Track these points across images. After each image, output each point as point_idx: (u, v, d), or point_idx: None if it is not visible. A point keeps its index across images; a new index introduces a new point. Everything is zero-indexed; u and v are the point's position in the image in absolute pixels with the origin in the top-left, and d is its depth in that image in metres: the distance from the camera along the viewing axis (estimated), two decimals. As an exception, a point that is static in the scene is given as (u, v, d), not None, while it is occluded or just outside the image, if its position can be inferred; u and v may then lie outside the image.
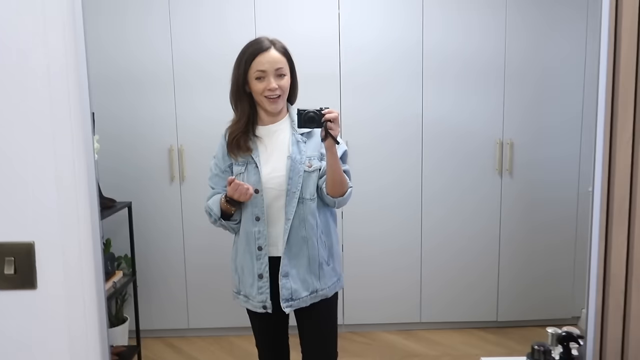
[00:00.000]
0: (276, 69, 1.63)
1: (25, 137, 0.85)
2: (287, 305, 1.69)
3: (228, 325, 3.02)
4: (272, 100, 1.65)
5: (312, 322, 1.78)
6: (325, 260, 1.74)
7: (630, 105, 0.88)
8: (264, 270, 1.69)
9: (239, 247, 1.75)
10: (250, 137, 1.70)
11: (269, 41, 1.66)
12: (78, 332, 0.89)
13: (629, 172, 0.86)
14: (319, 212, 1.71)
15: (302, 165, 1.67)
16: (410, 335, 3.05)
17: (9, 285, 0.88)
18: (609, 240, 0.86)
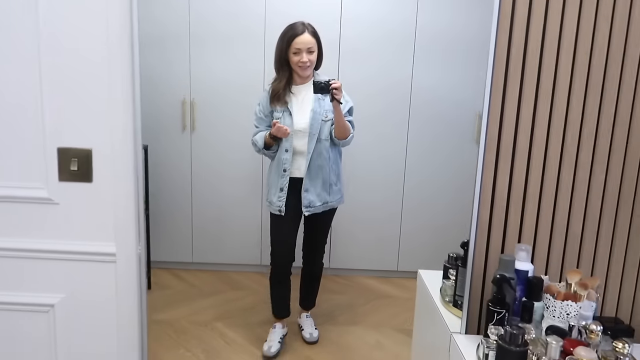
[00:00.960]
0: (308, 48, 2.28)
1: (87, 72, 1.20)
2: (306, 210, 2.40)
3: (227, 262, 3.43)
4: (303, 69, 2.30)
5: (318, 222, 2.53)
6: (334, 182, 2.45)
7: (519, 69, 1.22)
8: (284, 185, 2.38)
9: (272, 169, 2.45)
10: (287, 93, 2.34)
11: (303, 26, 2.29)
12: (120, 214, 1.26)
13: (514, 123, 1.20)
14: (330, 149, 2.39)
15: (320, 115, 2.34)
16: (386, 281, 3.45)
17: (73, 178, 1.25)
18: (497, 172, 1.22)
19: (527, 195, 1.25)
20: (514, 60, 1.21)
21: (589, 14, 1.20)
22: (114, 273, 1.30)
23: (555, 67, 1.21)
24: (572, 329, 1.08)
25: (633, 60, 1.22)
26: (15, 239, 1.29)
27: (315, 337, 2.65)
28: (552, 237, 1.27)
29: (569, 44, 1.21)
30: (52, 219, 1.28)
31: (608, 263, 1.28)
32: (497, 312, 1.13)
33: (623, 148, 1.25)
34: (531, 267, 1.16)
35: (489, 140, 1.20)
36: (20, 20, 1.17)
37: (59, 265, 1.31)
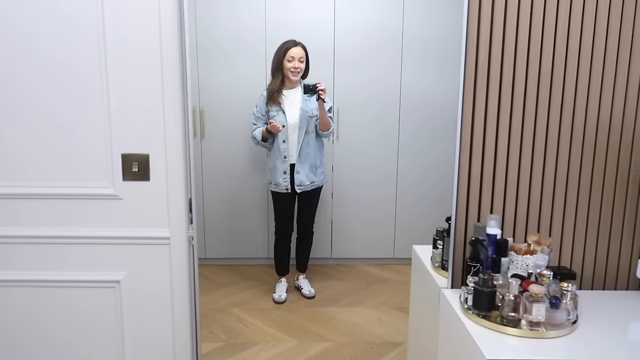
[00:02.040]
0: (299, 58, 2.91)
1: (144, 86, 1.52)
2: (298, 188, 3.03)
3: (238, 256, 3.74)
4: (294, 74, 2.91)
5: (308, 197, 3.14)
6: (318, 165, 3.09)
7: (485, 76, 1.55)
8: (287, 169, 3.01)
9: (273, 156, 3.04)
10: (280, 95, 2.95)
11: (295, 42, 2.92)
12: (174, 204, 1.58)
13: (483, 118, 1.54)
14: (316, 140, 3.04)
15: (307, 113, 2.95)
16: (384, 267, 3.78)
17: (134, 177, 1.57)
18: (471, 159, 1.55)
19: (496, 176, 1.58)
20: (480, 68, 1.54)
21: (536, 27, 1.52)
22: (168, 253, 1.62)
23: (513, 76, 1.54)
24: (530, 275, 1.41)
25: (572, 68, 1.55)
26: (88, 228, 1.60)
27: (313, 292, 3.29)
28: (517, 208, 1.60)
29: (522, 57, 1.54)
30: (117, 211, 1.60)
31: (562, 226, 1.61)
32: (473, 266, 1.46)
33: (569, 136, 1.58)
34: (499, 232, 1.49)
35: (464, 132, 1.53)
36: (88, 56, 1.49)
37: (124, 249, 1.62)
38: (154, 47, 1.48)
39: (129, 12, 1.45)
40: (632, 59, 1.54)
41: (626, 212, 1.62)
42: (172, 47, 1.47)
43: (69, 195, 1.57)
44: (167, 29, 1.45)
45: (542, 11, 1.51)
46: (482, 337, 1.30)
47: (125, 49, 1.48)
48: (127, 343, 1.68)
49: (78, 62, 1.48)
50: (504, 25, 1.52)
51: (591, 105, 1.57)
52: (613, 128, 1.58)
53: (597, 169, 1.60)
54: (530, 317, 1.29)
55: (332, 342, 2.75)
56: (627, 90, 1.56)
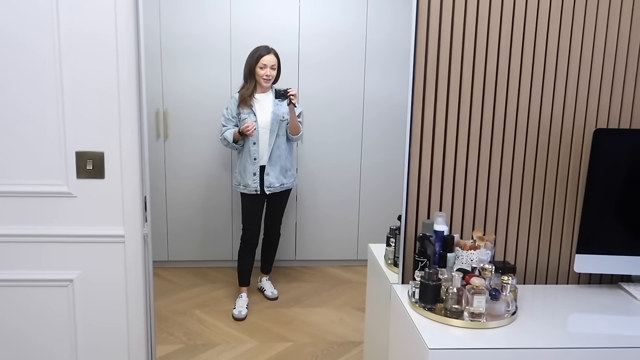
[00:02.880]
0: (271, 65, 2.95)
1: (100, 91, 1.52)
2: (267, 189, 3.04)
3: (201, 259, 3.73)
4: (266, 81, 2.95)
5: (277, 200, 3.19)
6: (289, 168, 3.13)
7: (433, 77, 1.62)
8: (257, 170, 3.02)
9: (243, 158, 3.06)
10: (252, 99, 2.98)
11: (268, 49, 2.95)
12: (128, 202, 1.59)
13: (432, 119, 1.60)
14: (286, 143, 3.07)
15: (278, 116, 2.99)
16: (348, 269, 3.83)
17: (88, 175, 1.57)
18: (421, 158, 1.62)
19: (445, 174, 1.65)
20: (430, 68, 1.61)
21: (482, 28, 1.60)
22: (123, 251, 1.62)
23: (460, 75, 1.61)
24: (474, 270, 1.47)
25: (516, 67, 1.63)
26: (42, 226, 1.59)
27: (276, 294, 3.33)
28: (464, 205, 1.67)
29: (469, 57, 1.61)
30: (71, 209, 1.59)
31: (507, 223, 1.69)
32: (421, 262, 1.52)
33: (513, 136, 1.67)
34: (446, 228, 1.55)
35: (414, 132, 1.59)
36: (40, 41, 1.49)
37: (78, 247, 1.61)
38: (110, 41, 1.49)
39: (84, 3, 1.46)
40: (570, 63, 1.64)
41: (566, 210, 1.71)
42: (128, 43, 1.49)
43: (21, 193, 1.56)
44: (122, 23, 1.47)
45: (487, 10, 1.59)
46: (427, 328, 1.35)
47: (80, 41, 1.49)
48: (81, 342, 1.66)
49: (34, 47, 1.48)
50: (451, 23, 1.59)
51: (533, 107, 1.65)
52: (553, 128, 1.67)
53: (539, 167, 1.69)
54: (472, 309, 1.36)
55: (293, 342, 2.77)
56: (566, 91, 1.65)
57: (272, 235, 3.32)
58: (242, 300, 3.16)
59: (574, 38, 1.62)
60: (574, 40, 1.62)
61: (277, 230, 3.33)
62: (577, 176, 1.69)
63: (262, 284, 3.38)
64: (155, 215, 3.62)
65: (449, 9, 1.58)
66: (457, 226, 1.68)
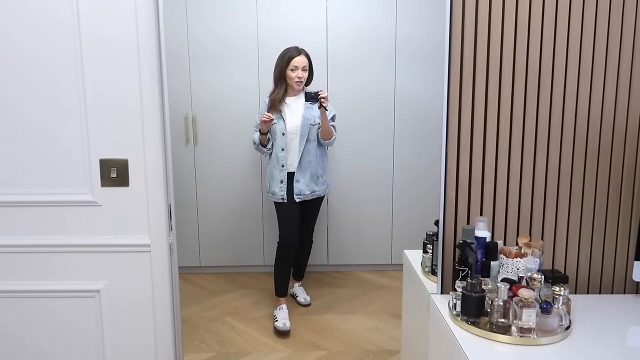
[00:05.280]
0: (303, 67, 2.81)
1: (124, 96, 1.48)
2: (297, 197, 2.91)
3: (233, 264, 3.69)
4: (298, 84, 2.83)
5: (309, 207, 3.05)
6: (320, 174, 2.97)
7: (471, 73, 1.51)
8: (284, 178, 2.89)
9: (271, 165, 2.94)
10: (282, 103, 2.86)
11: (298, 50, 2.82)
12: (154, 211, 1.54)
13: (470, 117, 1.49)
14: (317, 148, 2.92)
15: (309, 120, 2.85)
16: (381, 274, 3.72)
17: (113, 183, 1.53)
18: (459, 160, 1.51)
19: (485, 177, 1.53)
20: (466, 65, 1.50)
21: (523, 24, 1.48)
22: (149, 260, 1.57)
23: (500, 71, 1.50)
24: (521, 279, 1.35)
25: (560, 62, 1.51)
26: (67, 236, 1.56)
27: (309, 300, 3.25)
28: (507, 209, 1.55)
29: (509, 51, 1.49)
30: (96, 218, 1.55)
31: (555, 228, 1.56)
32: (462, 271, 1.41)
33: (559, 136, 1.54)
34: (488, 234, 1.44)
35: (450, 134, 1.49)
36: (65, 54, 1.45)
37: (104, 257, 1.58)
38: (131, 50, 1.45)
39: (105, 12, 1.42)
40: (621, 60, 1.50)
41: (621, 212, 1.57)
42: (150, 50, 1.44)
43: (45, 202, 1.53)
44: (143, 30, 1.42)
45: (527, 4, 1.47)
46: (470, 344, 1.25)
47: (102, 50, 1.45)
48: (108, 353, 1.63)
49: (54, 63, 1.45)
50: (489, 13, 1.48)
51: (581, 105, 1.52)
52: (604, 129, 1.53)
53: (589, 169, 1.55)
54: (521, 323, 1.24)
55: (327, 350, 2.69)
56: (618, 87, 1.51)
57: (304, 242, 3.20)
58: (283, 312, 2.97)
59: (625, 28, 1.48)
60: (626, 30, 1.48)
61: (309, 237, 3.22)
62: (632, 176, 1.55)
63: (294, 290, 3.30)
64: (186, 221, 3.62)
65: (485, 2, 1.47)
66: (499, 232, 1.56)
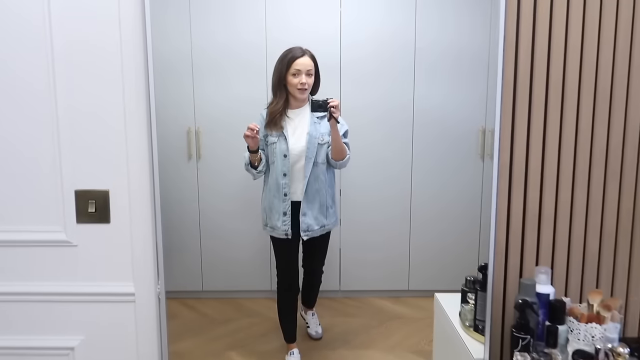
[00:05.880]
0: (307, 70, 2.29)
1: (103, 112, 1.22)
2: (305, 234, 2.41)
3: (238, 289, 3.42)
4: (301, 91, 2.30)
5: (317, 244, 2.57)
6: (330, 205, 2.47)
7: (526, 93, 1.24)
8: (287, 209, 2.38)
9: (269, 193, 2.43)
10: (283, 117, 2.34)
11: (302, 50, 2.32)
12: (139, 253, 1.27)
13: (525, 146, 1.22)
14: (327, 172, 2.41)
15: (316, 139, 2.33)
16: (398, 301, 3.43)
17: (91, 219, 1.26)
18: (511, 195, 1.23)
19: (542, 216, 1.26)
20: (521, 85, 1.23)
21: (592, 31, 1.21)
22: (133, 313, 1.30)
23: (562, 89, 1.23)
24: (599, 351, 1.07)
25: (638, 76, 1.23)
26: (35, 282, 1.30)
27: (320, 333, 2.92)
28: (569, 257, 1.27)
29: (574, 65, 1.22)
30: (70, 261, 1.29)
31: (627, 281, 1.28)
32: (521, 338, 1.13)
33: (635, 164, 1.26)
34: (552, 290, 1.16)
35: (502, 164, 1.21)
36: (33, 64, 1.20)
37: (78, 307, 1.31)
38: (114, 58, 1.19)
39: (82, 12, 1.17)
40: None
41: None
42: (135, 59, 1.18)
43: (8, 242, 1.27)
44: (128, 33, 1.16)
45: (599, 4, 1.20)
46: None
47: (77, 56, 1.19)
48: None
49: (19, 69, 1.20)
50: (549, 21, 1.21)
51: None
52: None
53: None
54: (604, 415, 0.96)
55: (341, 395, 2.41)
56: None
57: (314, 277, 2.80)
58: (294, 357, 2.63)
59: None
60: None
61: (318, 273, 2.79)
62: None
63: (306, 318, 2.98)
64: (188, 242, 3.36)
65: (546, 4, 1.20)
66: (560, 285, 1.28)
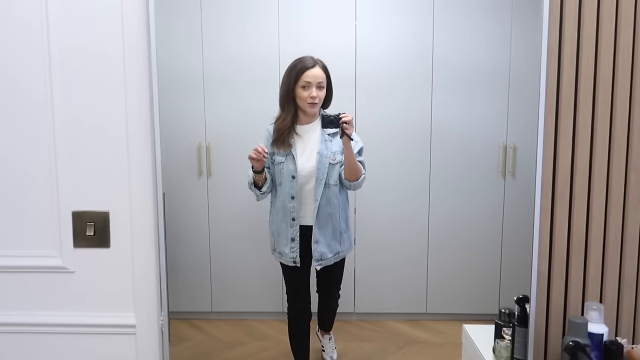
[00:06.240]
0: (318, 82, 2.11)
1: (103, 129, 1.12)
2: (318, 264, 2.22)
3: (247, 310, 3.29)
4: (312, 105, 2.13)
5: (332, 272, 2.38)
6: (344, 230, 2.28)
7: (571, 106, 1.11)
8: (295, 235, 2.20)
9: (276, 217, 2.25)
10: (291, 134, 2.17)
11: (313, 60, 2.13)
12: (141, 281, 1.16)
13: (570, 164, 1.09)
14: (340, 194, 2.21)
15: (327, 159, 2.15)
16: (415, 324, 3.27)
17: (89, 244, 1.15)
18: (554, 217, 1.10)
19: (589, 244, 1.12)
20: (565, 99, 1.11)
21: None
22: (134, 346, 1.19)
23: (611, 102, 1.10)
24: (664, 403, 0.94)
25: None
26: (26, 312, 1.19)
27: (335, 359, 2.73)
28: (620, 290, 1.13)
29: (624, 78, 1.10)
30: (66, 289, 1.18)
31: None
32: (572, 385, 0.99)
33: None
34: (606, 330, 1.02)
35: (545, 185, 1.08)
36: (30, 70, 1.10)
37: (75, 339, 1.19)
38: (116, 64, 1.09)
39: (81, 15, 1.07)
40: None
41: None
42: (139, 66, 1.08)
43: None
44: (131, 39, 1.06)
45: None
46: None
47: (76, 63, 1.10)
48: None
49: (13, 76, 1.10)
50: (596, 29, 1.09)
51: None
52: None
53: None
54: None
55: None
56: None
57: (330, 302, 2.60)
58: None
59: None
60: None
61: (334, 298, 2.60)
62: None
63: (322, 341, 2.81)
64: (197, 261, 3.24)
65: (593, 9, 1.08)
66: (610, 322, 1.13)
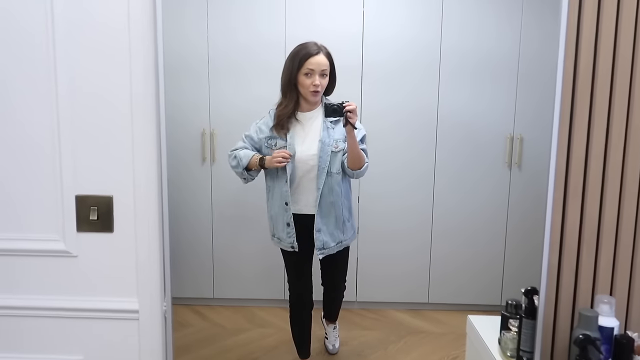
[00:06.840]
0: (322, 70, 2.08)
1: (108, 113, 1.10)
2: (320, 253, 2.21)
3: (249, 297, 3.29)
4: (314, 94, 2.10)
5: (335, 262, 2.35)
6: (347, 218, 2.26)
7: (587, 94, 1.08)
8: (290, 220, 2.17)
9: (274, 202, 2.22)
10: (292, 121, 2.14)
11: (317, 46, 2.10)
12: (145, 266, 1.14)
13: (584, 155, 1.07)
14: (342, 182, 2.18)
15: (329, 147, 2.12)
16: (417, 314, 3.27)
17: (92, 228, 1.14)
18: (566, 209, 1.07)
19: (601, 236, 1.10)
20: (581, 86, 1.08)
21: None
22: (137, 332, 1.18)
23: (630, 89, 1.07)
24: (674, 398, 0.92)
25: None
26: (29, 295, 1.17)
27: (337, 348, 2.74)
28: (631, 282, 1.11)
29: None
30: (69, 274, 1.17)
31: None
32: (581, 379, 0.98)
33: None
34: (617, 324, 1.01)
35: (558, 176, 1.06)
36: (35, 61, 1.08)
37: (77, 324, 1.18)
38: (121, 35, 1.07)
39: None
40: None
41: None
42: (145, 36, 1.05)
43: (1, 250, 1.15)
44: (137, 10, 1.04)
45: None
46: None
47: (79, 30, 1.07)
48: None
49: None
50: (616, 16, 1.06)
51: None
52: None
53: None
54: None
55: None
56: None
57: (335, 293, 2.55)
58: None
59: None
60: None
61: (339, 289, 2.55)
62: None
63: (326, 329, 2.78)
64: (200, 247, 3.24)
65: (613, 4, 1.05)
66: (620, 315, 1.12)
